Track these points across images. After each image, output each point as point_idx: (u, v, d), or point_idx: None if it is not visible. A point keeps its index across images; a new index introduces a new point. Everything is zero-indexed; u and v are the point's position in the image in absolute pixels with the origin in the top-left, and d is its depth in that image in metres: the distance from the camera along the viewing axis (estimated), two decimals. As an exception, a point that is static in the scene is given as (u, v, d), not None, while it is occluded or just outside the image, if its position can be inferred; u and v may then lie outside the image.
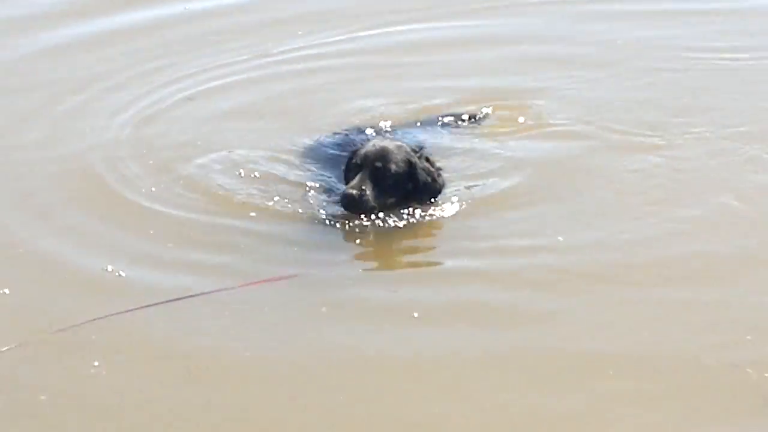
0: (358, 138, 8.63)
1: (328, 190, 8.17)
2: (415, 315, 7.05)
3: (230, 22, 11.96)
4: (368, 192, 7.63)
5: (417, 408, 6.35)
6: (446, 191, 8.16)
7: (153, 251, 7.75)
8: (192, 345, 6.83)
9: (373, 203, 7.69)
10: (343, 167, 8.05)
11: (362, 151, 7.80)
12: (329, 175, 8.37)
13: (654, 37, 11.49)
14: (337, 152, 8.58)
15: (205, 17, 12.10)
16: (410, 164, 7.83)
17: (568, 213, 8.12)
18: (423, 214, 7.89)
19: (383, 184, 7.75)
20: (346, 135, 8.80)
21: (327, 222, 7.84)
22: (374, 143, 7.92)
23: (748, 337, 6.80)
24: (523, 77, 10.57)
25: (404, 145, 8.01)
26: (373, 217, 7.76)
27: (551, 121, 9.57)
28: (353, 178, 7.75)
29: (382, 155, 7.73)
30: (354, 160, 7.83)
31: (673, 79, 10.54)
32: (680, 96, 10.15)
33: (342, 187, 7.98)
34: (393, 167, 7.74)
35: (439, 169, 8.00)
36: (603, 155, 9.05)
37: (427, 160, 7.94)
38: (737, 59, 10.95)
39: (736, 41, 11.31)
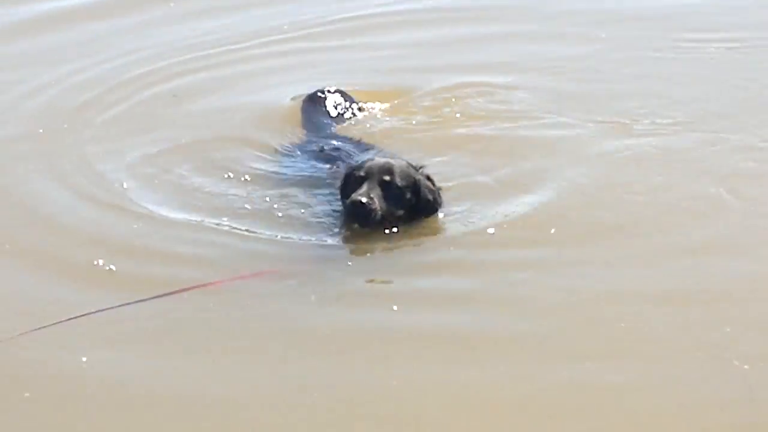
0: (344, 151, 8.65)
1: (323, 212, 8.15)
2: (395, 308, 7.08)
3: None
4: (377, 201, 7.55)
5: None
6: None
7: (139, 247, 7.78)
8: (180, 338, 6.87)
9: (381, 212, 7.59)
10: (338, 184, 7.96)
11: (366, 165, 7.70)
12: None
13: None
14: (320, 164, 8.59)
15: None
16: (414, 180, 7.78)
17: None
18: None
19: (390, 197, 7.66)
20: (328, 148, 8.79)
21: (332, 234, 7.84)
22: (377, 158, 7.87)
23: (728, 329, 6.82)
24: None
25: (406, 161, 7.97)
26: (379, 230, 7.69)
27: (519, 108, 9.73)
28: (353, 190, 7.66)
29: (389, 169, 7.66)
30: (356, 174, 7.71)
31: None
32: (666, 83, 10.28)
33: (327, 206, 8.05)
34: (399, 181, 7.68)
35: (439, 188, 7.94)
36: (584, 142, 9.15)
37: (428, 178, 7.90)
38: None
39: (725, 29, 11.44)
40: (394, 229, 7.70)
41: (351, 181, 7.74)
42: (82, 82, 10.56)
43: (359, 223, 7.61)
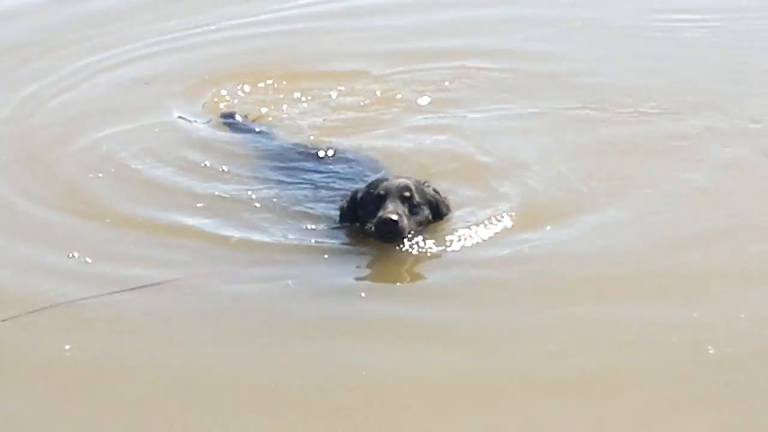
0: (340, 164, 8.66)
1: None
2: (362, 295, 7.17)
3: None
4: (404, 218, 7.59)
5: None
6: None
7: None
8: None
9: (409, 229, 7.63)
10: (341, 203, 7.94)
11: (383, 185, 7.75)
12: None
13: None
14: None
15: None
16: (428, 196, 7.85)
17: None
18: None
19: (411, 213, 7.71)
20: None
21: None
22: (389, 177, 7.91)
23: (701, 317, 6.77)
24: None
25: (414, 179, 7.98)
26: (405, 244, 7.63)
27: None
28: (373, 211, 7.66)
29: (406, 186, 7.74)
30: (373, 193, 7.73)
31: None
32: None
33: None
34: (417, 197, 7.75)
35: (445, 198, 7.97)
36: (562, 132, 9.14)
37: (435, 191, 7.93)
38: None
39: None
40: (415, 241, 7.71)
41: (365, 201, 7.77)
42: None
43: (389, 241, 7.62)
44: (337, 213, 7.89)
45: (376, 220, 7.58)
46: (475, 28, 11.27)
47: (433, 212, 7.82)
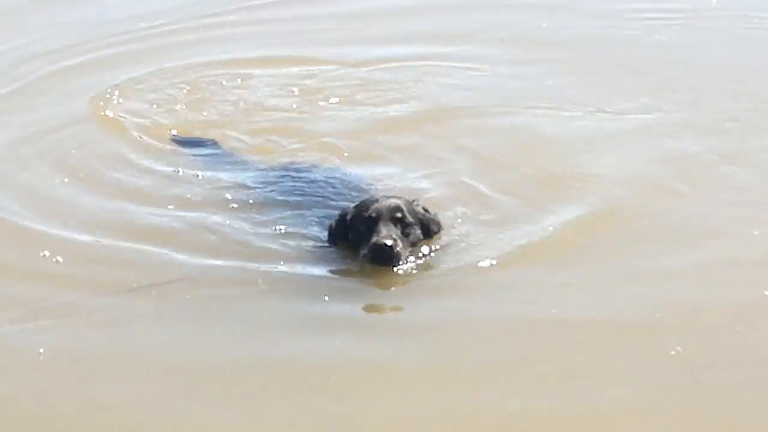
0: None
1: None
2: (326, 299, 7.16)
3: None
4: (399, 241, 7.47)
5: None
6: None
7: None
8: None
9: (404, 253, 7.51)
10: (329, 224, 7.80)
11: (374, 206, 7.60)
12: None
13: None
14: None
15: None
16: (419, 215, 7.73)
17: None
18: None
19: (403, 234, 7.58)
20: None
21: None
22: (377, 198, 7.75)
23: (668, 314, 6.79)
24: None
25: (402, 197, 7.89)
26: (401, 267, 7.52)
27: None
28: (365, 234, 7.53)
29: (397, 207, 7.60)
30: (364, 215, 7.58)
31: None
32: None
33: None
34: (409, 218, 7.62)
35: (435, 215, 7.84)
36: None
37: (425, 209, 7.81)
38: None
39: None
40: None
41: (355, 223, 7.63)
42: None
43: (382, 264, 7.47)
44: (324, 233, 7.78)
45: (371, 246, 7.47)
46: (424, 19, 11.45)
47: (423, 231, 7.70)
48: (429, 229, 7.72)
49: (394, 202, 7.64)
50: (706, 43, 10.92)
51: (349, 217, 7.67)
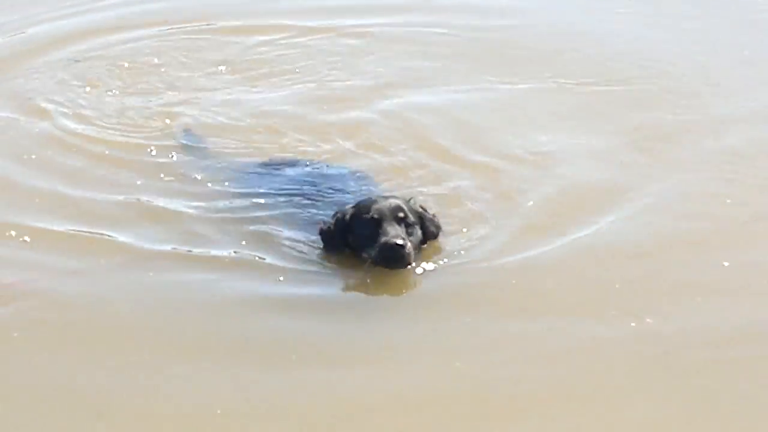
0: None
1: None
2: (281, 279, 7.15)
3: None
4: (408, 241, 7.23)
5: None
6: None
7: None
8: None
9: (414, 253, 7.28)
10: (322, 228, 7.49)
11: (374, 207, 7.34)
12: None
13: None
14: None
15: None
16: (419, 215, 7.48)
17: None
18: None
19: (407, 234, 7.32)
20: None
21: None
22: (376, 198, 7.53)
23: (641, 287, 6.83)
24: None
25: (400, 196, 7.70)
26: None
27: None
28: (368, 236, 7.26)
29: (399, 207, 7.36)
30: (366, 217, 7.31)
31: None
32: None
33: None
34: (411, 218, 7.38)
35: (434, 215, 7.60)
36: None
37: (423, 208, 7.58)
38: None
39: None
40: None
41: (356, 226, 7.36)
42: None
43: (394, 267, 7.22)
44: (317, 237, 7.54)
45: (381, 246, 7.18)
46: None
47: (423, 230, 7.49)
48: (429, 228, 7.49)
49: (394, 201, 7.41)
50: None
51: (347, 218, 7.40)
